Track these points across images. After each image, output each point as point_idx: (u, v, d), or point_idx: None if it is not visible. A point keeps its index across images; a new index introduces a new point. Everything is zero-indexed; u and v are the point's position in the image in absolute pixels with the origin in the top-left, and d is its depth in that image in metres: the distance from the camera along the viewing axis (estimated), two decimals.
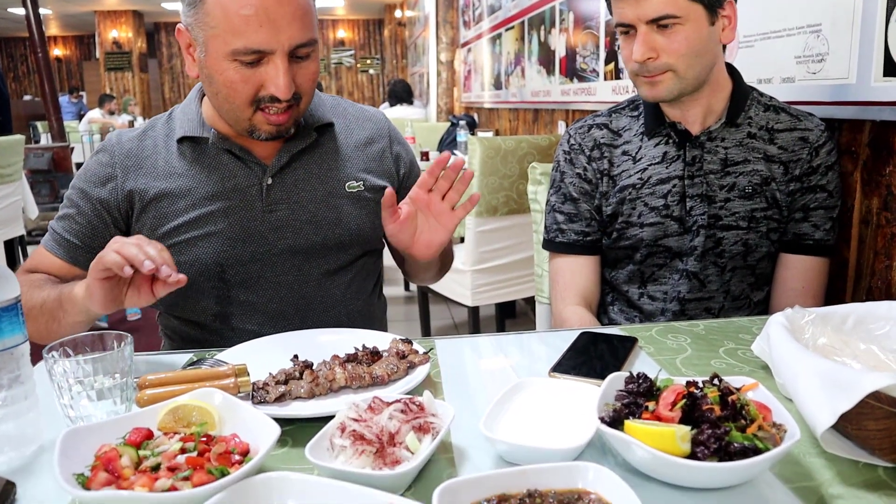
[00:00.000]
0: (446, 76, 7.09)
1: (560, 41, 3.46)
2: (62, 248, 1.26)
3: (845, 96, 1.45)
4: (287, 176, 1.29)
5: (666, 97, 1.33)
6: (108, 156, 1.28)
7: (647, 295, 1.46)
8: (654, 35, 1.27)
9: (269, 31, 1.10)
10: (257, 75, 1.14)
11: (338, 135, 1.36)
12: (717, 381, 0.79)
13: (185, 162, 1.27)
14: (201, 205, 1.25)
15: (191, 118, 1.28)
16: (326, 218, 1.30)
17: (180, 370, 0.94)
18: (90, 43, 16.76)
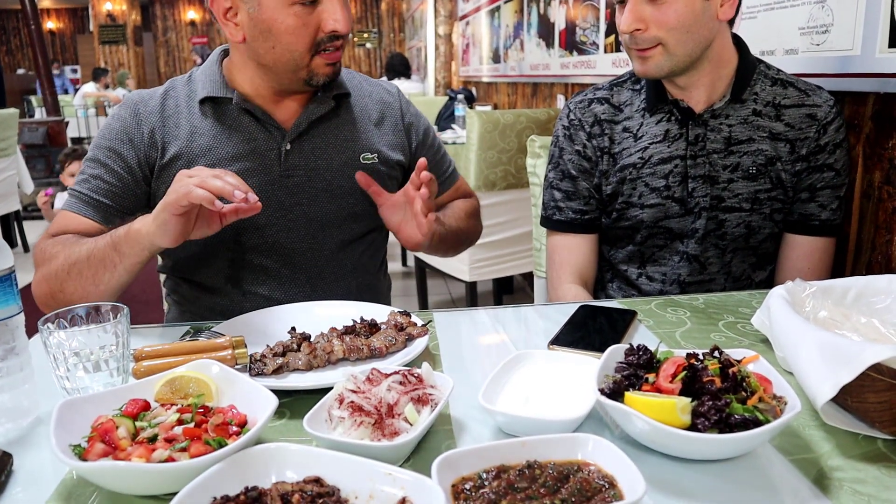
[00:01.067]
0: (444, 50, 7.02)
1: (560, 13, 3.42)
2: (93, 209, 1.24)
3: (849, 68, 1.43)
4: (305, 143, 1.30)
5: (656, 74, 1.29)
6: (132, 112, 1.27)
7: (645, 276, 1.44)
8: (644, 5, 1.23)
9: None
10: (314, 17, 1.17)
11: (353, 106, 1.37)
12: (717, 354, 0.78)
13: (207, 122, 1.27)
14: (220, 165, 1.24)
15: (213, 80, 1.28)
16: (342, 187, 1.31)
17: (177, 342, 0.93)
18: (84, 16, 16.56)
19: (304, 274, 1.31)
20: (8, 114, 4.84)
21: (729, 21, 1.31)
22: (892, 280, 1.02)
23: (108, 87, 10.15)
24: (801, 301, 0.98)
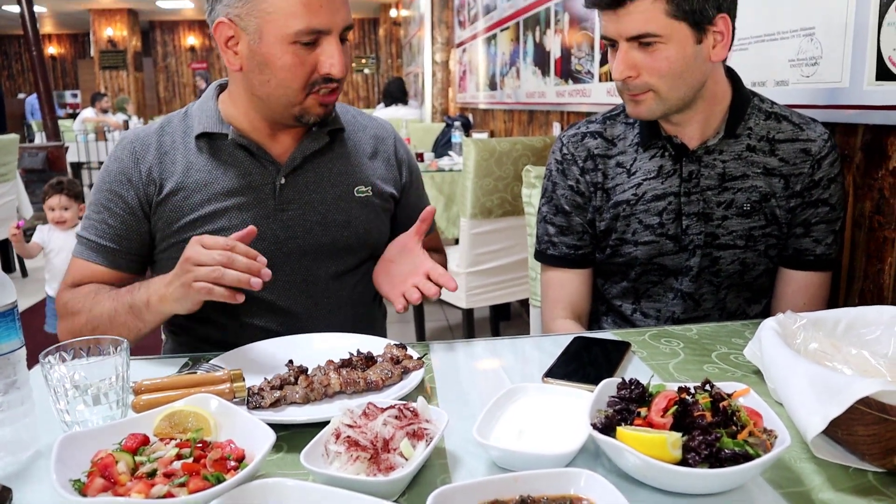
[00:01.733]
0: (441, 76, 7.09)
1: (555, 42, 3.47)
2: (101, 256, 1.28)
3: (839, 100, 1.45)
4: (300, 176, 1.32)
5: (649, 117, 1.30)
6: (129, 152, 1.29)
7: (640, 311, 1.44)
8: (635, 53, 1.22)
9: (328, 12, 1.17)
10: (312, 57, 1.19)
11: (347, 140, 1.39)
12: (708, 387, 0.80)
13: (203, 157, 1.29)
14: (217, 200, 1.27)
15: (209, 115, 1.30)
16: (336, 220, 1.33)
17: (176, 375, 0.95)
18: (85, 41, 16.71)
19: (300, 305, 1.32)
20: (8, 139, 4.87)
21: None
22: (881, 311, 1.03)
23: (106, 111, 10.20)
24: (792, 333, 0.99)
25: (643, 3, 1.17)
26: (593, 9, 1.26)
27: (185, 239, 1.24)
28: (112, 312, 1.17)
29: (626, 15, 1.19)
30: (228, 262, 1.01)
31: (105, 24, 14.62)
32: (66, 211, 3.32)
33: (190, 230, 1.26)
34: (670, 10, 1.17)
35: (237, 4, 1.18)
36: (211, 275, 1.01)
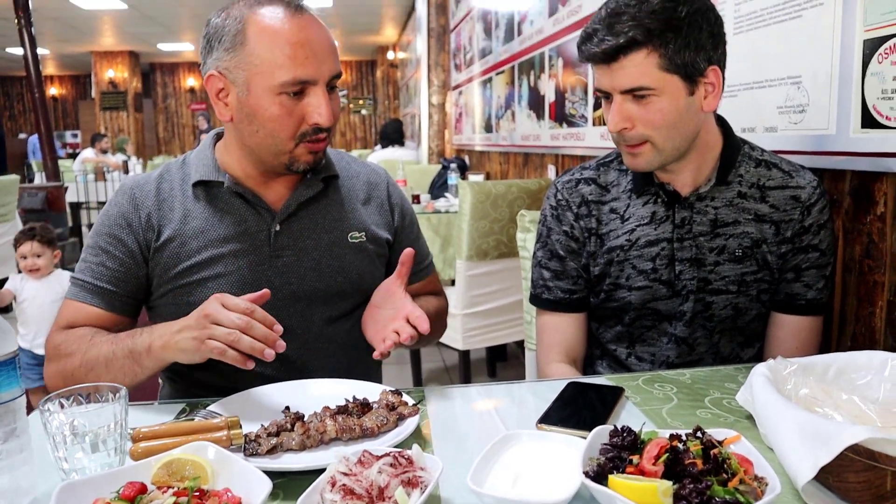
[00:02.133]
0: (438, 118, 7.18)
1: (549, 86, 3.53)
2: (98, 297, 1.28)
3: (826, 146, 1.49)
4: (294, 223, 1.34)
5: (646, 168, 1.31)
6: (128, 197, 1.32)
7: (634, 355, 1.45)
8: (630, 105, 1.24)
9: (313, 63, 1.19)
10: (300, 108, 1.21)
11: (341, 187, 1.42)
12: (699, 434, 0.81)
13: (200, 205, 1.31)
14: (213, 246, 1.29)
15: (206, 164, 1.33)
16: (329, 266, 1.34)
17: (173, 421, 0.95)
18: (86, 82, 16.92)
19: (295, 350, 1.32)
20: (9, 180, 4.92)
21: None
22: (871, 356, 1.05)
23: (106, 152, 10.28)
24: (783, 379, 1.01)
25: (636, 57, 1.20)
26: (587, 63, 1.29)
27: (181, 285, 1.28)
28: (109, 356, 1.17)
29: (619, 69, 1.22)
30: (247, 327, 1.02)
31: (107, 66, 14.82)
32: (38, 258, 3.18)
33: (187, 276, 1.28)
34: (663, 63, 1.20)
35: (226, 58, 1.21)
36: (228, 337, 1.01)
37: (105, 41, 13.77)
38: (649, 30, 1.18)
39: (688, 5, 1.19)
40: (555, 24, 3.39)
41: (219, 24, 1.22)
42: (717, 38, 1.24)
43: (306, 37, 1.19)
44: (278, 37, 1.18)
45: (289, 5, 1.21)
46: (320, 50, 1.20)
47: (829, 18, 1.44)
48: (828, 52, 1.45)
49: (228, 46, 1.20)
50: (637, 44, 1.19)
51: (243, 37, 1.19)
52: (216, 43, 1.22)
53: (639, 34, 1.18)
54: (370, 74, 16.68)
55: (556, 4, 3.36)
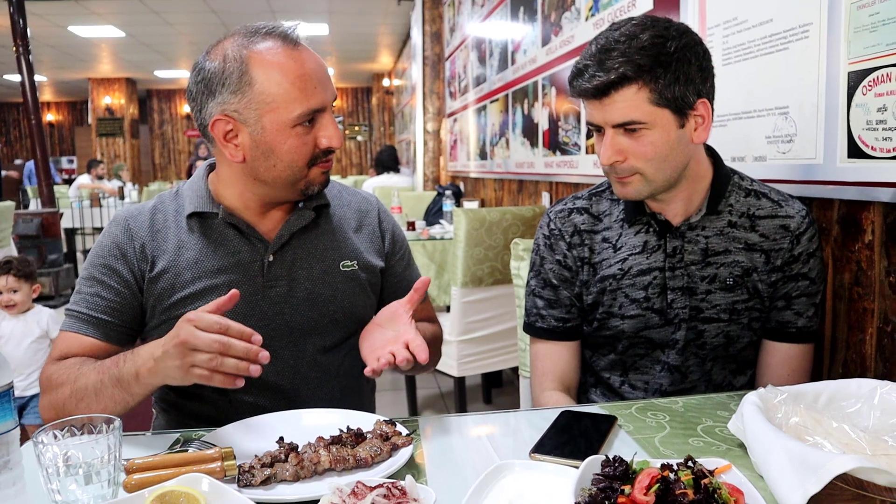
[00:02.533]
0: (433, 145, 7.22)
1: (543, 114, 3.57)
2: (94, 328, 1.28)
3: (814, 176, 1.51)
4: (287, 253, 1.35)
5: (635, 197, 1.33)
6: (123, 228, 1.33)
7: (628, 383, 1.45)
8: (621, 138, 1.26)
9: (320, 91, 1.24)
10: (311, 135, 1.25)
11: (333, 216, 1.43)
12: (691, 464, 0.81)
13: (194, 236, 1.33)
14: (207, 277, 1.30)
15: (200, 195, 1.34)
16: (322, 295, 1.35)
17: (167, 452, 0.95)
18: (83, 109, 17.00)
19: (288, 380, 1.33)
20: (4, 206, 4.93)
21: None
22: (861, 384, 1.06)
23: (102, 178, 10.31)
24: (773, 407, 1.02)
25: (627, 92, 1.22)
26: (578, 98, 1.30)
27: (175, 316, 1.23)
28: (98, 385, 1.16)
29: (610, 104, 1.23)
30: (225, 349, 1.01)
31: (104, 93, 14.90)
32: (15, 294, 2.98)
33: (181, 307, 1.28)
34: (653, 98, 1.22)
35: (233, 100, 1.22)
36: (210, 363, 1.01)
37: (102, 68, 13.87)
38: (639, 65, 1.20)
39: (676, 41, 1.22)
40: (548, 53, 3.43)
41: (216, 67, 1.22)
42: (705, 72, 1.26)
43: (310, 67, 1.23)
44: (286, 72, 1.21)
45: (285, 39, 1.24)
46: (323, 77, 1.25)
47: (815, 51, 1.47)
48: (814, 83, 1.48)
49: (235, 89, 1.21)
50: (628, 79, 1.21)
51: (249, 77, 1.20)
52: (218, 86, 1.22)
53: (629, 70, 1.20)
54: (366, 101, 16.81)
55: (548, 34, 3.41)
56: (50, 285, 6.47)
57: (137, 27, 10.17)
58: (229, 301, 1.09)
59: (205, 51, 1.27)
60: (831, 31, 1.42)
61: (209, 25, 9.90)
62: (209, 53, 1.25)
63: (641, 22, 1.25)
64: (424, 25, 7.06)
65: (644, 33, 1.22)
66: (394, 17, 9.67)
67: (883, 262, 1.37)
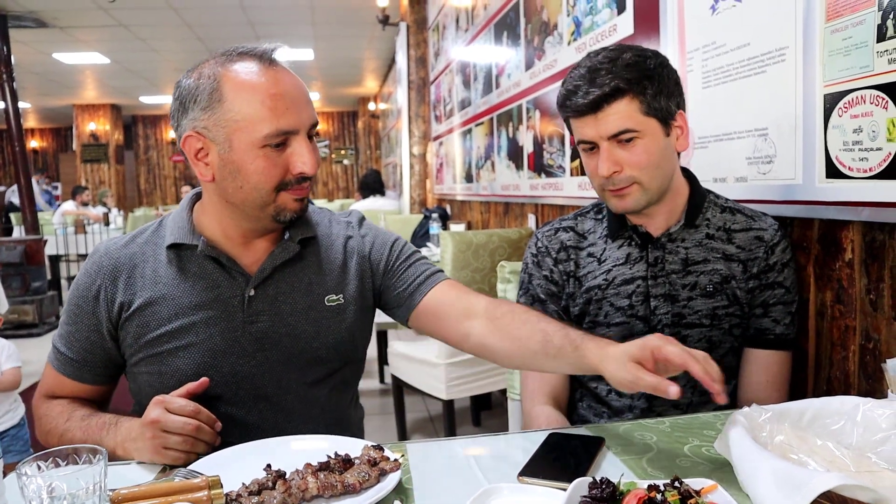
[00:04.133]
0: (419, 168, 7.26)
1: (527, 137, 3.60)
2: (71, 369, 1.30)
3: (793, 196, 1.53)
4: (269, 287, 1.30)
5: (634, 209, 1.40)
6: (96, 267, 1.29)
7: (614, 391, 1.48)
8: (616, 150, 1.34)
9: (293, 113, 1.19)
10: (283, 158, 1.20)
11: (320, 247, 1.37)
12: (677, 484, 0.82)
13: (172, 269, 1.28)
14: (184, 314, 1.25)
15: (181, 226, 1.29)
16: (305, 331, 1.30)
17: (153, 482, 0.95)
18: (67, 135, 16.96)
19: (271, 419, 1.29)
20: None
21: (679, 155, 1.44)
22: (844, 401, 1.07)
23: (87, 204, 10.26)
24: (758, 426, 1.02)
25: (620, 104, 1.32)
26: (573, 116, 1.37)
27: (153, 354, 1.26)
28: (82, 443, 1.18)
29: (604, 117, 1.33)
30: (196, 432, 1.07)
31: (88, 119, 14.87)
32: None
33: (157, 345, 1.25)
34: (643, 108, 1.32)
35: (203, 117, 1.18)
36: (183, 445, 1.06)
37: (87, 94, 13.86)
38: (629, 79, 1.31)
39: (654, 59, 1.35)
40: (531, 77, 3.47)
41: (191, 84, 1.20)
42: (679, 87, 1.39)
43: (284, 88, 1.18)
44: (256, 90, 1.16)
45: (261, 59, 1.20)
46: (299, 99, 1.20)
47: (791, 74, 1.50)
48: (791, 105, 1.51)
49: (205, 105, 1.18)
50: (621, 91, 1.31)
51: (220, 94, 1.17)
52: (191, 103, 1.19)
53: (621, 83, 1.31)
54: (352, 125, 16.87)
55: (532, 58, 3.45)
56: (34, 313, 6.40)
57: (122, 54, 10.20)
58: (199, 387, 1.12)
59: (187, 70, 1.25)
60: (807, 55, 1.45)
61: (194, 52, 9.94)
62: (191, 71, 1.23)
63: (618, 47, 1.37)
64: (409, 50, 7.13)
65: (625, 54, 1.34)
66: (379, 42, 9.75)
67: (863, 279, 1.39)
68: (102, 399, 1.36)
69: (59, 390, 1.31)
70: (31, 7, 7.65)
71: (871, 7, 1.27)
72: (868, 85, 1.29)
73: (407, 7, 7.17)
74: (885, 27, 1.24)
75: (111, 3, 6.85)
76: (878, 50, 1.26)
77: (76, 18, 8.23)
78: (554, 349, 1.17)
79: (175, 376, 1.24)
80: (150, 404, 1.09)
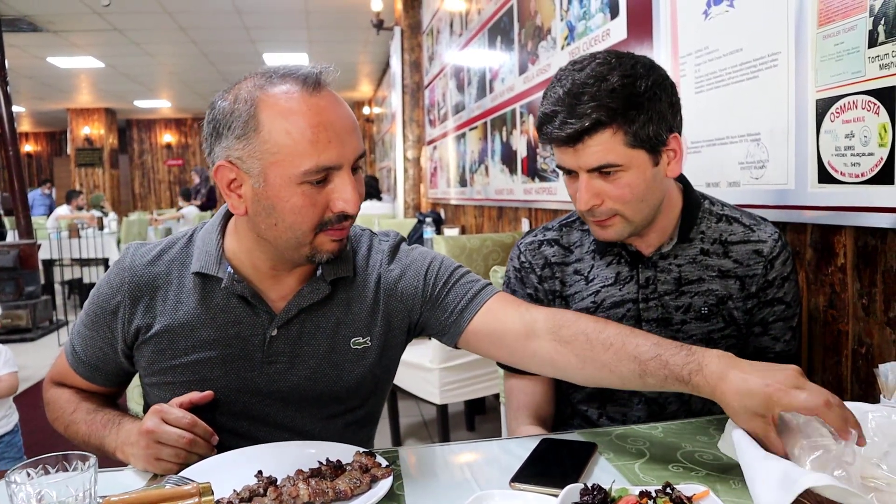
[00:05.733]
0: (413, 173, 7.26)
1: (521, 142, 3.60)
2: (83, 368, 1.28)
3: (786, 201, 1.53)
4: (293, 327, 1.20)
5: (617, 239, 1.30)
6: (119, 280, 1.22)
7: (606, 416, 1.43)
8: (597, 182, 1.22)
9: (336, 147, 1.06)
10: (323, 195, 1.08)
11: (353, 285, 1.25)
12: (669, 490, 0.82)
13: (195, 297, 1.19)
14: (202, 349, 1.19)
15: (209, 251, 1.20)
16: (326, 375, 1.22)
17: (144, 488, 0.94)
18: (61, 139, 16.91)
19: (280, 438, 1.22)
20: None
21: None
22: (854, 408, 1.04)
23: (81, 208, 10.23)
24: None
25: (602, 137, 1.18)
26: (549, 144, 1.26)
27: (165, 382, 1.21)
28: (85, 439, 1.20)
29: (584, 150, 1.20)
30: (190, 446, 1.05)
31: (82, 123, 14.84)
32: None
33: (170, 375, 1.20)
34: (628, 140, 1.19)
35: (237, 146, 1.07)
36: (176, 458, 1.05)
37: (81, 98, 13.84)
38: (612, 109, 1.17)
39: (645, 79, 1.19)
40: (525, 81, 3.48)
41: (226, 107, 1.08)
42: (675, 106, 1.24)
43: (327, 118, 1.06)
44: (296, 120, 1.04)
45: (305, 82, 1.07)
46: (343, 131, 1.07)
47: (784, 79, 1.51)
48: (784, 110, 1.51)
49: (240, 133, 1.06)
50: (602, 124, 1.18)
51: (256, 122, 1.05)
52: (225, 129, 1.08)
53: (603, 115, 1.17)
54: None
55: (525, 63, 3.46)
56: (27, 317, 6.38)
57: (117, 58, 10.18)
58: (202, 399, 1.11)
59: (225, 88, 1.13)
60: (799, 60, 1.46)
61: (189, 56, 9.94)
62: (227, 92, 1.11)
63: (606, 61, 1.21)
64: (403, 54, 7.14)
65: (612, 74, 1.18)
66: (373, 46, 9.75)
67: (856, 284, 1.40)
68: (113, 396, 1.35)
69: (69, 381, 1.30)
70: (26, 11, 7.64)
71: (862, 13, 1.28)
72: (860, 90, 1.29)
73: (401, 11, 7.17)
74: (877, 33, 1.24)
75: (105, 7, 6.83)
76: (869, 55, 1.26)
77: (70, 22, 8.22)
78: (651, 379, 1.06)
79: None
80: (149, 412, 1.08)
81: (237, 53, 9.98)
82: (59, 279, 8.40)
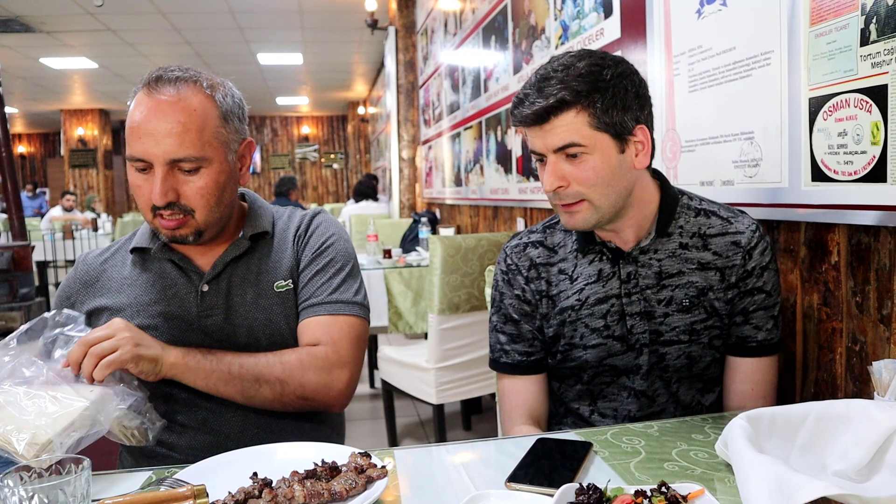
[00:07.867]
0: (408, 172, 7.25)
1: (516, 141, 3.60)
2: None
3: (780, 199, 1.54)
4: (222, 282, 1.37)
5: (583, 226, 1.32)
6: (74, 273, 1.43)
7: (597, 412, 1.45)
8: (563, 164, 1.27)
9: (147, 143, 1.24)
10: (148, 184, 1.27)
11: (273, 240, 1.44)
12: (664, 489, 0.82)
13: (135, 272, 1.39)
14: (143, 311, 1.35)
15: (144, 230, 1.41)
16: (257, 319, 1.36)
17: (139, 491, 0.94)
18: (55, 140, 16.87)
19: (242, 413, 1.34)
20: None
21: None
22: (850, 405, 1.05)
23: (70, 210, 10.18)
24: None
25: (567, 116, 1.24)
26: (520, 126, 1.31)
27: None
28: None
29: (550, 129, 1.25)
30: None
31: (76, 124, 14.80)
32: None
33: None
34: (592, 122, 1.24)
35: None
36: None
37: (75, 99, 13.80)
38: (577, 91, 1.23)
39: (612, 69, 1.25)
40: (519, 81, 3.48)
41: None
42: (642, 99, 1.29)
43: (145, 119, 1.24)
44: (131, 112, 1.27)
45: (149, 85, 1.27)
46: (158, 130, 1.24)
47: (776, 78, 1.51)
48: (777, 109, 1.52)
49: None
50: (566, 104, 1.23)
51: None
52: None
53: (568, 95, 1.23)
54: (341, 129, 16.86)
55: (520, 62, 3.46)
56: (21, 319, 6.34)
57: (111, 58, 10.16)
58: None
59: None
60: (792, 59, 1.46)
61: (183, 57, 9.92)
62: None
63: (578, 53, 1.28)
64: (398, 54, 7.13)
65: (581, 62, 1.25)
66: (368, 46, 9.75)
67: (849, 282, 1.40)
68: None
69: None
70: (18, 11, 7.62)
71: (854, 12, 1.28)
72: (852, 89, 1.29)
73: (395, 11, 7.17)
74: (868, 31, 1.25)
75: (98, 7, 6.81)
76: (861, 54, 1.26)
77: (63, 23, 8.20)
78: None
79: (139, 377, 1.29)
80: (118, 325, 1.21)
81: (231, 54, 9.98)
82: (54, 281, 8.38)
